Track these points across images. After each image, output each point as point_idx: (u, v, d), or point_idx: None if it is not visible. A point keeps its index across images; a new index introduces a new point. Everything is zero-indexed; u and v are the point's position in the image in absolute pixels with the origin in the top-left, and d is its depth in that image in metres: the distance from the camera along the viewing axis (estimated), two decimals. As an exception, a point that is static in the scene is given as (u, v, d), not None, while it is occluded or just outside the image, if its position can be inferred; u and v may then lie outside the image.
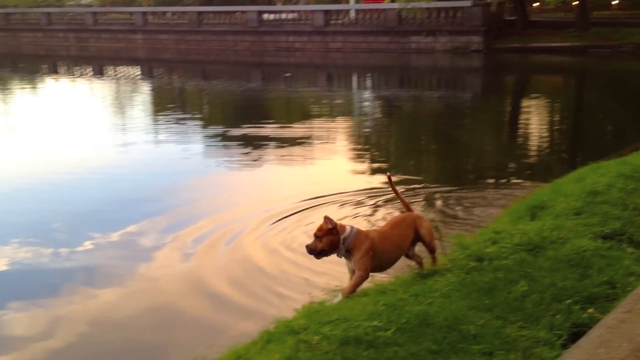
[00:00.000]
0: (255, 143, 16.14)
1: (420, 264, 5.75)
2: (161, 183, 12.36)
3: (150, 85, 32.80)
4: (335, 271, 7.35)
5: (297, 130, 18.15)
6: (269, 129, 17.97)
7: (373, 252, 5.14)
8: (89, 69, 40.68)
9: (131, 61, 44.17)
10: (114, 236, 9.05)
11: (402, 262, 5.70)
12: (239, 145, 16.03)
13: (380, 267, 5.43)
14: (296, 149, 15.45)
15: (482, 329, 4.20)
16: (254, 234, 9.00)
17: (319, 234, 5.12)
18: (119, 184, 12.23)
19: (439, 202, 10.53)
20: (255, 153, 14.98)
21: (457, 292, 4.86)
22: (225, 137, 17.17)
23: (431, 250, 5.62)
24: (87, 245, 8.70)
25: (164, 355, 6.05)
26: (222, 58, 43.58)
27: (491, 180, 12.33)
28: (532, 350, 3.99)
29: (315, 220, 9.34)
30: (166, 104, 26.20)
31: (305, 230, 9.01)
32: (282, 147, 15.81)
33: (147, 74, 37.51)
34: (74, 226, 9.49)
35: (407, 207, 5.81)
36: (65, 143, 16.45)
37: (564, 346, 4.07)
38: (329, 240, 5.08)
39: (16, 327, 6.49)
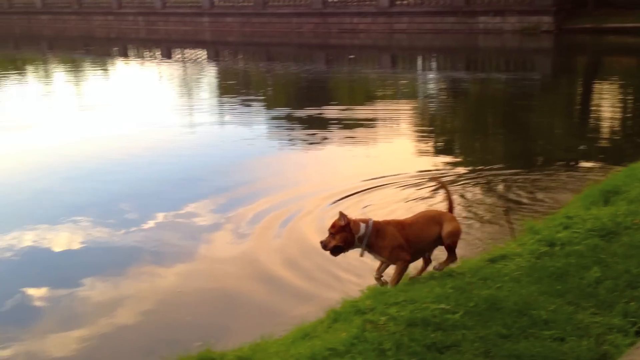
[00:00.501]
0: (318, 124, 16.16)
1: (424, 266, 5.42)
2: (225, 163, 12.54)
3: (215, 67, 33.25)
4: None
5: (360, 112, 18.06)
6: (333, 111, 17.95)
7: (403, 244, 5.03)
8: (158, 52, 41.52)
9: (198, 44, 44.83)
10: (179, 216, 9.22)
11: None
12: (302, 126, 16.08)
13: None
14: (359, 131, 15.39)
15: (554, 315, 4.10)
16: (312, 215, 9.03)
17: (332, 231, 5.05)
18: (186, 165, 12.48)
19: (505, 186, 10.29)
20: (318, 134, 15.00)
21: (528, 277, 4.75)
22: (288, 119, 17.25)
23: (448, 251, 5.21)
24: (153, 224, 8.89)
25: (229, 333, 6.13)
26: (287, 40, 43.68)
27: (561, 164, 11.95)
28: (605, 337, 3.87)
29: (374, 202, 9.34)
30: (231, 86, 26.51)
31: (364, 212, 8.97)
32: (345, 128, 15.76)
33: (213, 57, 38.01)
34: (141, 206, 9.71)
35: (450, 207, 5.42)
36: (134, 124, 16.88)
37: (638, 334, 3.95)
38: (342, 238, 5.00)
39: (87, 302, 6.69)
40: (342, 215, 5.04)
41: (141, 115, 18.29)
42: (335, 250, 5.08)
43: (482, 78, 26.08)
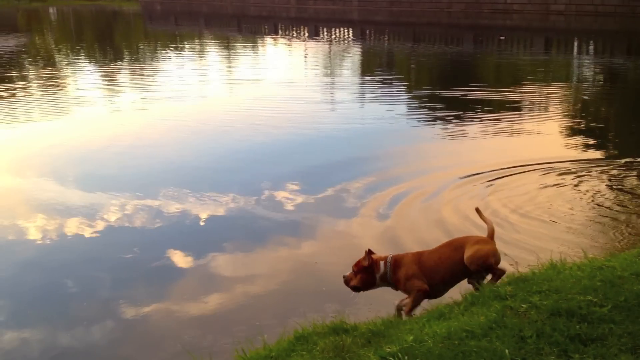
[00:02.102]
0: (461, 105, 15.76)
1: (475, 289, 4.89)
2: (363, 142, 12.55)
3: (360, 46, 33.36)
4: (526, 243, 7.01)
5: (507, 94, 17.40)
6: (478, 92, 17.44)
7: (418, 274, 4.80)
8: (305, 30, 42.37)
9: (345, 23, 45.23)
10: (318, 192, 9.28)
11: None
12: (444, 106, 15.75)
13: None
14: (504, 114, 14.85)
15: None
16: (448, 197, 8.83)
17: (355, 269, 4.94)
18: (325, 141, 12.64)
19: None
20: (461, 116, 14.62)
21: (688, 276, 4.36)
22: (431, 99, 16.97)
23: (489, 273, 4.82)
24: (293, 200, 9.04)
25: (362, 307, 6.14)
26: (435, 20, 42.93)
27: None
28: None
29: (513, 188, 9.00)
30: (375, 65, 26.51)
31: (500, 197, 8.69)
32: (490, 111, 15.27)
33: (359, 36, 38.17)
34: (281, 182, 9.89)
35: (490, 233, 4.95)
36: (278, 99, 17.33)
37: None
38: (361, 279, 4.91)
39: (226, 268, 6.94)
40: (367, 254, 4.91)
41: (286, 91, 18.76)
42: (355, 289, 5.01)
43: (645, 64, 24.20)
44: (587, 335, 3.61)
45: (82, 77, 23.44)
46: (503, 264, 4.99)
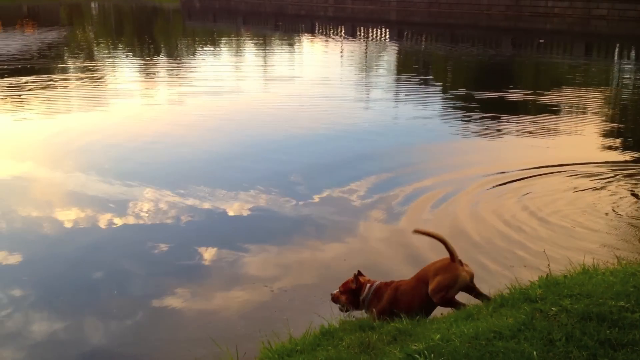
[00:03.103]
0: (497, 107, 15.62)
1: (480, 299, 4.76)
2: (395, 141, 12.52)
3: (397, 46, 33.22)
4: (551, 251, 6.80)
5: (545, 97, 17.17)
6: (515, 95, 17.24)
7: (388, 303, 4.81)
8: (342, 30, 42.34)
9: (382, 23, 45.07)
10: (340, 191, 9.22)
11: None
12: (480, 108, 15.60)
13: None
14: (541, 117, 14.67)
15: None
16: (467, 198, 8.76)
17: (342, 289, 5.03)
18: (356, 137, 12.66)
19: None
20: (495, 118, 14.47)
21: None
22: (467, 100, 16.81)
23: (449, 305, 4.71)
24: (316, 198, 8.99)
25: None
26: (474, 22, 42.48)
27: None
28: None
29: (533, 191, 8.91)
30: (411, 65, 26.38)
31: (521, 200, 8.57)
32: (526, 113, 15.10)
33: (396, 36, 38.01)
34: (309, 178, 9.86)
35: (451, 256, 4.68)
36: (312, 96, 17.35)
37: None
38: (347, 300, 4.99)
39: (253, 264, 6.95)
40: (355, 277, 4.98)
41: (320, 88, 18.77)
42: (342, 308, 5.08)
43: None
44: (617, 340, 3.54)
45: (121, 70, 23.81)
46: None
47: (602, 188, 9.03)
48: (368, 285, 4.99)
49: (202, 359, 4.55)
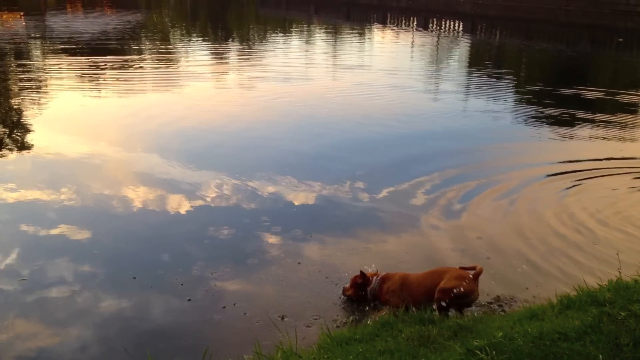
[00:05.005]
0: (571, 105, 15.15)
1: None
2: (463, 134, 12.36)
3: (470, 39, 32.60)
4: (605, 254, 6.60)
5: (622, 96, 16.57)
6: (589, 93, 16.71)
7: (397, 291, 5.30)
8: (415, 22, 41.86)
9: (456, 15, 44.29)
10: (405, 185, 9.09)
11: None
12: (554, 105, 15.13)
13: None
14: (617, 115, 14.20)
15: None
16: (528, 195, 8.58)
17: (351, 283, 5.61)
18: (424, 129, 12.60)
19: None
20: (569, 114, 14.06)
21: None
22: (540, 96, 16.37)
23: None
24: (381, 191, 8.91)
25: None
26: (551, 18, 41.18)
27: None
28: None
29: (592, 191, 8.69)
30: (483, 59, 25.86)
31: (580, 199, 8.31)
32: (601, 111, 14.61)
33: (469, 30, 37.31)
34: (375, 171, 9.75)
35: (476, 275, 5.10)
36: (381, 85, 17.26)
37: None
38: (354, 293, 5.56)
39: (313, 253, 6.85)
40: (362, 273, 5.49)
41: (389, 79, 18.65)
42: (349, 299, 5.63)
43: None
44: (690, 350, 3.41)
45: (194, 54, 24.26)
46: None
47: None
48: (375, 277, 5.54)
49: (263, 342, 4.59)
